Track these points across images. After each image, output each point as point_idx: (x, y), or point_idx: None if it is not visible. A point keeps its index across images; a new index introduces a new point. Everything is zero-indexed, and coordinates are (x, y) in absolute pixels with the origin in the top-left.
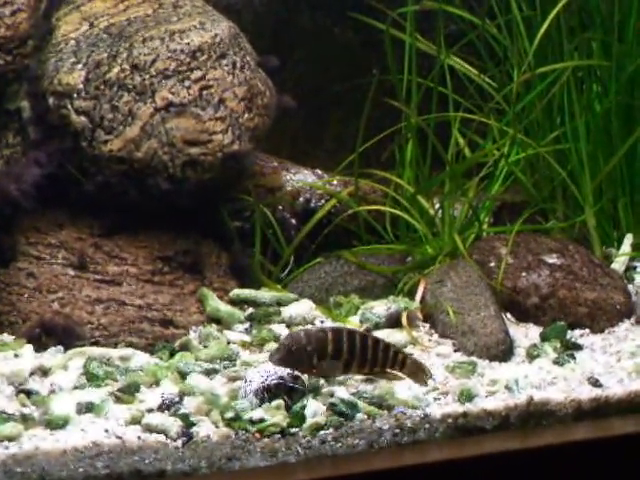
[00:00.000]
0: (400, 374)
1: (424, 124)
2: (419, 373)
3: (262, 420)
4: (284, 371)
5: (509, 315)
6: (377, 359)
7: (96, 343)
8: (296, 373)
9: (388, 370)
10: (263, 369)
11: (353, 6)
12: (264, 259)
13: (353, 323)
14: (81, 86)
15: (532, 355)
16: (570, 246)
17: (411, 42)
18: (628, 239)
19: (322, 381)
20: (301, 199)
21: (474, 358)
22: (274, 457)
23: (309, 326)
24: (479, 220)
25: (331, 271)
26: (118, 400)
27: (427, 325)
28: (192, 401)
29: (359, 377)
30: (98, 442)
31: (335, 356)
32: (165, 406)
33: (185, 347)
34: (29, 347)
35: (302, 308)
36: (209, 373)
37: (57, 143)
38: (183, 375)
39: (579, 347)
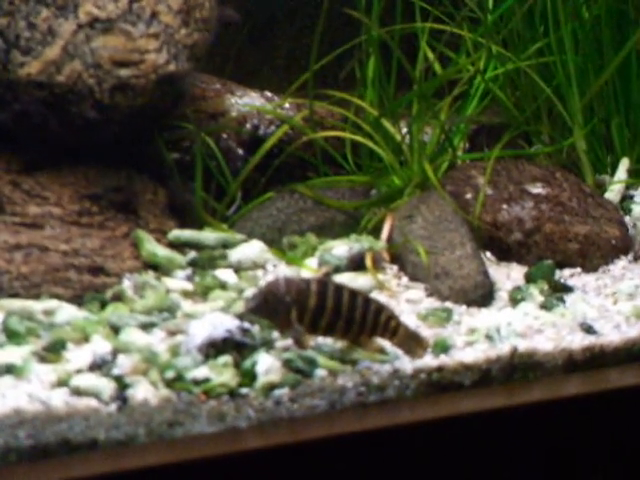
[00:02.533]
0: (387, 345)
1: (387, 37)
2: (412, 344)
3: (208, 380)
4: (232, 322)
5: (489, 254)
6: (365, 324)
7: (16, 295)
8: (245, 325)
9: (376, 338)
10: (207, 321)
11: None
12: (207, 195)
13: (310, 267)
14: None
15: (516, 299)
16: (557, 174)
17: None
18: (623, 164)
19: (275, 333)
20: (248, 126)
21: (449, 304)
22: (222, 422)
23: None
24: (452, 146)
25: (284, 208)
26: (42, 360)
27: (395, 267)
28: (127, 359)
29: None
30: (20, 409)
31: (317, 313)
32: (96, 366)
33: (118, 298)
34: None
35: (251, 250)
36: (146, 327)
37: None
38: (116, 330)
39: (569, 289)
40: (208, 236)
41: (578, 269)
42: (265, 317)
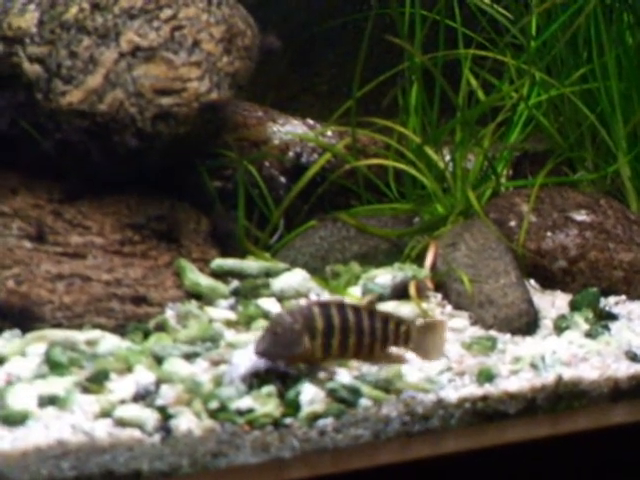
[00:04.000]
0: (403, 353)
1: (430, 64)
2: (429, 344)
3: (251, 410)
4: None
5: (533, 282)
6: (376, 335)
7: (58, 325)
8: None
9: (392, 350)
10: (251, 351)
11: None
12: (249, 224)
13: (354, 295)
14: (34, 30)
15: (560, 327)
16: (601, 200)
17: None
18: None
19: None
20: (291, 154)
21: (493, 332)
22: (266, 452)
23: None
24: (496, 173)
25: (327, 236)
26: (85, 390)
27: (439, 295)
28: (170, 390)
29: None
30: (63, 440)
31: (327, 334)
32: (139, 396)
33: (161, 327)
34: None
35: (294, 279)
36: (189, 357)
37: (8, 96)
38: (159, 360)
39: (614, 317)
40: (251, 265)
41: (623, 297)
42: (279, 354)
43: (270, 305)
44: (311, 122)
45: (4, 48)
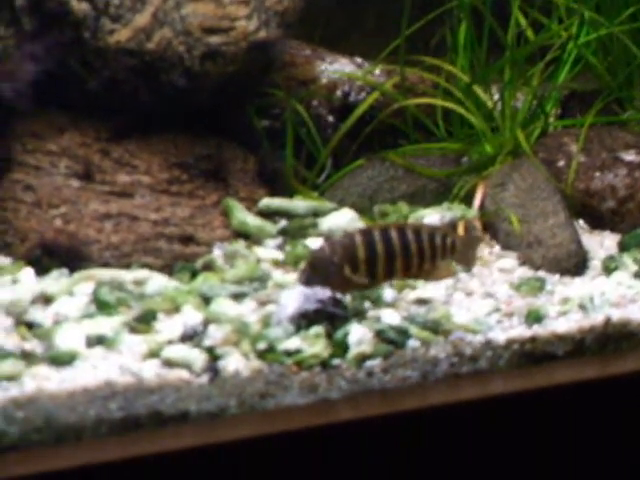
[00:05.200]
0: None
1: (479, 2)
2: (470, 253)
3: (299, 351)
4: (324, 293)
5: (581, 222)
6: (424, 254)
7: (106, 265)
8: (338, 296)
9: (440, 263)
10: (299, 291)
11: None
12: (297, 163)
13: None
14: None
15: (609, 268)
16: None
17: None
18: None
19: (367, 304)
20: (339, 92)
21: (542, 273)
22: (314, 393)
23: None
24: (545, 112)
25: (375, 175)
26: (133, 330)
27: (487, 235)
28: (218, 330)
29: (411, 297)
30: (111, 380)
31: (370, 262)
32: (187, 336)
33: (208, 267)
34: (29, 271)
35: (343, 219)
36: (237, 297)
37: (56, 34)
38: (207, 300)
39: None
40: (299, 204)
41: None
42: (321, 284)
43: (318, 244)
44: (359, 60)
45: None
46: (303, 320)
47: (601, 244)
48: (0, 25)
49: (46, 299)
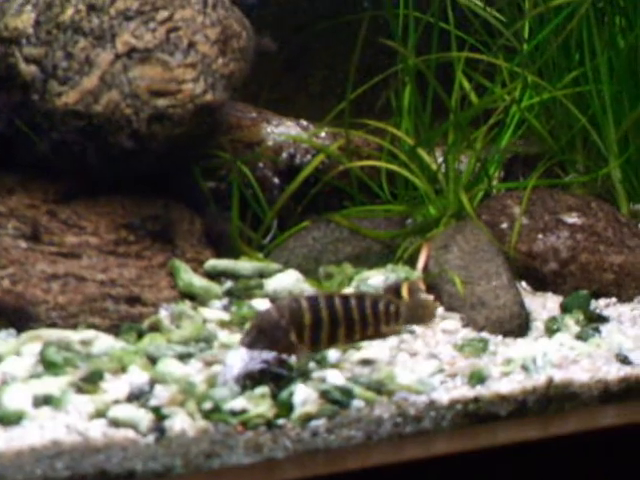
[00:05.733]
0: (396, 328)
1: (423, 66)
2: (420, 312)
3: (245, 411)
4: (268, 354)
5: (524, 284)
6: (367, 320)
7: (53, 325)
8: (282, 356)
9: (383, 330)
10: (244, 352)
11: None
12: (243, 224)
13: None
14: (31, 30)
15: (551, 329)
16: (592, 203)
17: None
18: None
19: (312, 364)
20: (284, 155)
21: (485, 334)
22: (259, 453)
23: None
24: (488, 175)
25: (320, 237)
26: (80, 390)
27: (431, 297)
28: (164, 390)
29: (355, 357)
30: (58, 440)
31: (315, 327)
32: (134, 396)
33: (155, 328)
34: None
35: (288, 280)
36: (183, 357)
37: (4, 96)
38: (153, 360)
39: (605, 319)
40: (244, 265)
41: (614, 299)
42: (265, 348)
43: (264, 306)
44: (305, 123)
45: (1, 49)
46: (248, 380)
47: (543, 305)
48: None
49: None
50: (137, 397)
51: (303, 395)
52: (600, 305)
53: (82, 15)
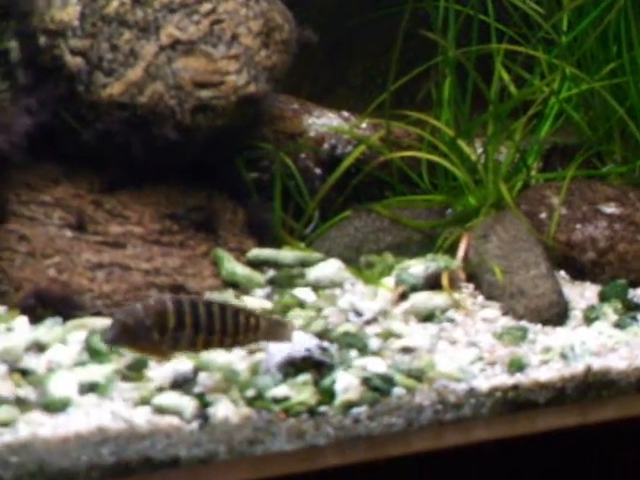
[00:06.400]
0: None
1: (463, 58)
2: (278, 330)
3: (287, 398)
4: (311, 341)
5: (563, 273)
6: (226, 329)
7: (98, 313)
8: (324, 344)
9: (241, 339)
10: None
11: None
12: (285, 214)
13: (386, 286)
14: (76, 23)
15: (590, 318)
16: (630, 193)
17: None
18: None
19: (353, 352)
20: (326, 145)
21: (524, 323)
22: (302, 439)
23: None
24: (527, 166)
25: (361, 227)
26: (125, 378)
27: (471, 286)
28: (208, 378)
29: (396, 345)
30: (103, 427)
31: (177, 330)
32: (178, 384)
33: None
34: (23, 319)
35: (329, 269)
36: None
37: (50, 88)
38: None
39: None
40: (286, 255)
41: None
42: (126, 345)
43: (305, 294)
44: (346, 114)
45: (47, 41)
46: (291, 368)
47: (582, 295)
48: None
49: (40, 347)
50: (181, 384)
51: (345, 382)
52: (638, 294)
53: (127, 8)
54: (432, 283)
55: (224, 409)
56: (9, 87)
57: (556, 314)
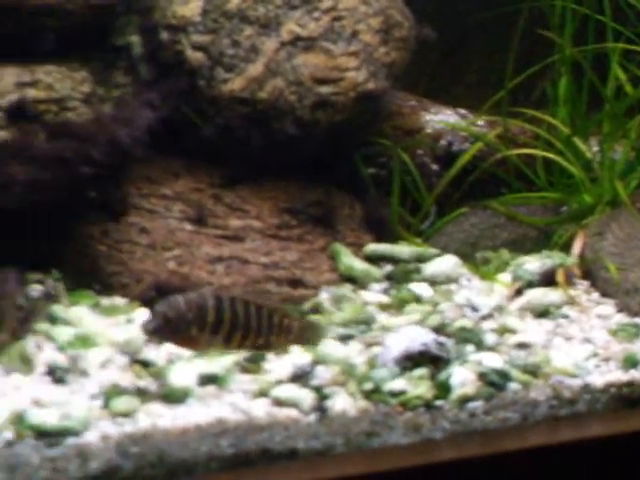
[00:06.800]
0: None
1: (580, 56)
2: (311, 334)
3: (404, 391)
4: (428, 336)
5: None
6: (261, 328)
7: None
8: (441, 339)
9: (274, 339)
10: (404, 334)
11: None
12: (402, 210)
13: (502, 282)
14: (198, 19)
15: None
16: None
17: None
18: None
19: (469, 347)
20: (443, 142)
21: (639, 320)
22: (418, 433)
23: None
24: None
25: (478, 223)
26: (244, 370)
27: (586, 283)
28: (326, 371)
29: (511, 341)
30: (222, 418)
31: (216, 327)
32: (296, 377)
33: (316, 310)
34: (143, 311)
35: (446, 265)
36: (344, 339)
37: (171, 83)
38: None
39: None
40: (403, 250)
41: None
42: (164, 337)
43: (422, 289)
44: (462, 111)
45: (168, 36)
46: (408, 362)
47: None
48: (118, 73)
49: None
50: (299, 377)
51: (461, 377)
52: None
53: (248, 4)
54: (547, 279)
55: (342, 402)
56: (131, 81)
57: None
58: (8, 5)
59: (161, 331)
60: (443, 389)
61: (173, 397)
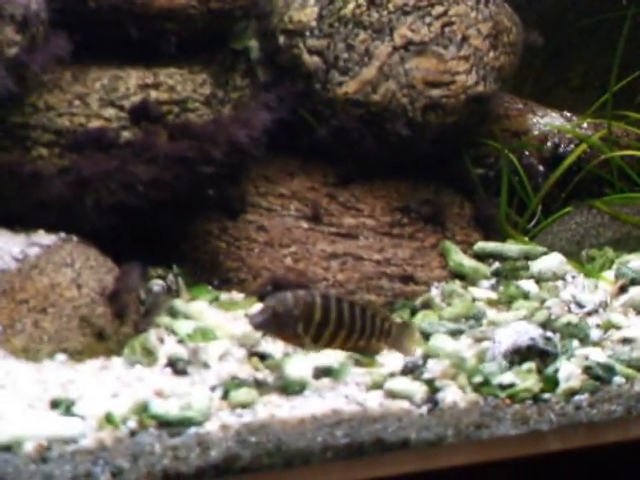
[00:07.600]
0: (382, 346)
1: None
2: (402, 341)
3: (512, 385)
4: (535, 331)
5: None
6: (365, 330)
7: None
8: (548, 334)
9: (373, 342)
10: (512, 329)
11: None
12: (510, 209)
13: (607, 279)
14: (314, 23)
15: None
16: None
17: None
18: None
19: (575, 342)
20: (549, 144)
21: None
22: (525, 425)
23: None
24: None
25: (583, 222)
26: (357, 364)
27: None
28: (437, 364)
29: (616, 336)
30: (338, 409)
31: (322, 326)
32: (408, 370)
33: (427, 305)
34: (260, 306)
35: (552, 262)
36: (454, 333)
37: (288, 85)
38: (426, 335)
39: None
40: (511, 248)
41: None
42: (271, 332)
43: (529, 286)
44: (568, 114)
45: (285, 40)
46: (516, 356)
47: None
48: (237, 76)
49: None
50: (411, 370)
51: (567, 371)
52: None
53: (362, 9)
54: None
55: (452, 394)
56: (249, 84)
57: None
58: (133, 11)
59: (268, 325)
60: (550, 382)
61: (290, 389)
